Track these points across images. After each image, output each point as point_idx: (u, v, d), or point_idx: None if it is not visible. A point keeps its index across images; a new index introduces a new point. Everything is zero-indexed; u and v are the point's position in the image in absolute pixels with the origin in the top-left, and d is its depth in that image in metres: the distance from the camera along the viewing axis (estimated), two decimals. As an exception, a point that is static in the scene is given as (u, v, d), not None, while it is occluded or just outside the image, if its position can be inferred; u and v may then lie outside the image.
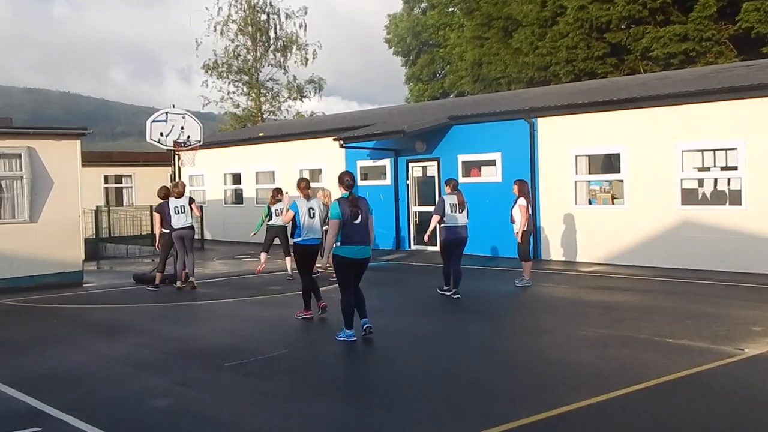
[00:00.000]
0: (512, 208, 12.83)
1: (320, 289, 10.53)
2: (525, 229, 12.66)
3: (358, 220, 8.61)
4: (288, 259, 14.36)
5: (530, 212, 12.75)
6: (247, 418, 5.92)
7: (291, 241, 10.54)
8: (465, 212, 11.83)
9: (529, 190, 12.85)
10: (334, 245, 8.61)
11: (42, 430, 5.77)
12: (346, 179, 8.84)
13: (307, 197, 10.18)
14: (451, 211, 11.64)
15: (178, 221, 13.50)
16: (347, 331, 8.67)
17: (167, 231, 13.65)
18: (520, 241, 12.75)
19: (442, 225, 11.74)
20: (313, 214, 10.05)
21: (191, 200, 13.79)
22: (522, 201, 12.59)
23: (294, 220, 9.91)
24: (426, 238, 12.17)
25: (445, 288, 11.95)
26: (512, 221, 12.84)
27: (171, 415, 6.04)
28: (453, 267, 11.70)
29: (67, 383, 7.17)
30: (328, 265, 12.01)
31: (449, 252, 11.74)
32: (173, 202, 13.52)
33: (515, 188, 12.82)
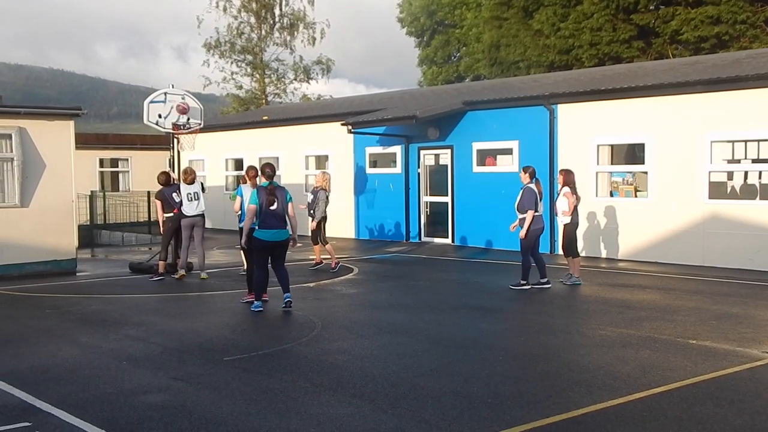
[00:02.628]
0: (557, 200, 12.81)
1: (322, 281, 10.76)
2: (570, 221, 12.55)
3: (274, 207, 10.14)
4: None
5: (576, 202, 12.59)
6: (246, 416, 5.98)
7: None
8: None
9: (574, 180, 12.71)
10: (255, 229, 10.20)
11: (32, 425, 5.85)
12: (267, 171, 10.43)
13: (255, 186, 11.23)
14: (538, 200, 12.17)
15: (190, 208, 13.68)
16: (256, 302, 10.45)
17: (170, 215, 13.76)
18: (562, 233, 12.71)
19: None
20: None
21: (203, 187, 13.98)
22: (566, 189, 12.52)
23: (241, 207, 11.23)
24: (523, 234, 12.16)
25: (523, 282, 12.15)
26: (557, 213, 12.85)
27: (166, 412, 6.11)
28: (536, 256, 12.21)
29: (59, 377, 7.25)
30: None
31: (534, 243, 12.22)
32: (185, 189, 13.74)
33: (560, 178, 12.71)
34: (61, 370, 7.49)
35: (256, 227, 10.19)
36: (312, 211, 14.73)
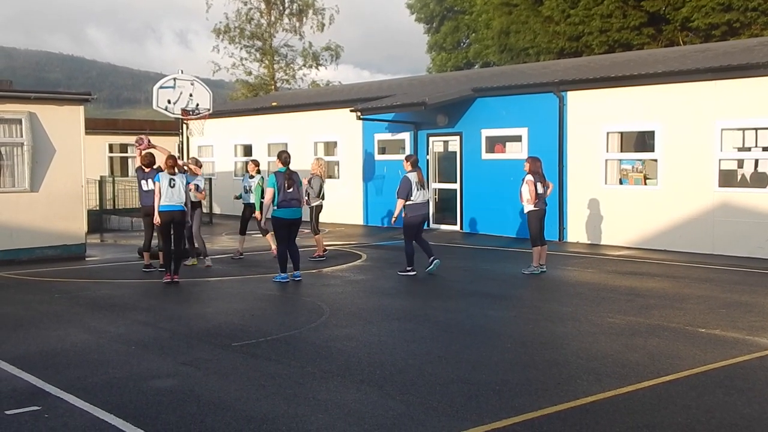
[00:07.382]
0: (521, 186, 12.56)
1: (330, 268, 10.82)
2: (536, 208, 12.33)
3: (291, 189, 11.41)
4: (269, 236, 14.43)
5: (539, 190, 12.32)
6: (254, 401, 5.98)
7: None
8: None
9: (540, 168, 12.51)
10: (273, 208, 11.50)
11: (42, 408, 5.85)
12: (284, 156, 11.74)
13: (172, 174, 11.91)
14: (414, 189, 12.37)
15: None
16: (281, 274, 11.65)
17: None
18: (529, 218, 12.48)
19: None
20: (174, 184, 11.84)
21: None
22: (528, 177, 12.33)
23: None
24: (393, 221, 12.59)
25: (408, 269, 12.31)
26: (521, 200, 12.58)
27: (175, 396, 6.11)
28: (420, 241, 12.58)
29: (68, 361, 7.26)
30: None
31: (416, 230, 12.60)
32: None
33: (526, 165, 12.50)
34: (70, 355, 7.50)
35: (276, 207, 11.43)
36: (307, 198, 14.64)
